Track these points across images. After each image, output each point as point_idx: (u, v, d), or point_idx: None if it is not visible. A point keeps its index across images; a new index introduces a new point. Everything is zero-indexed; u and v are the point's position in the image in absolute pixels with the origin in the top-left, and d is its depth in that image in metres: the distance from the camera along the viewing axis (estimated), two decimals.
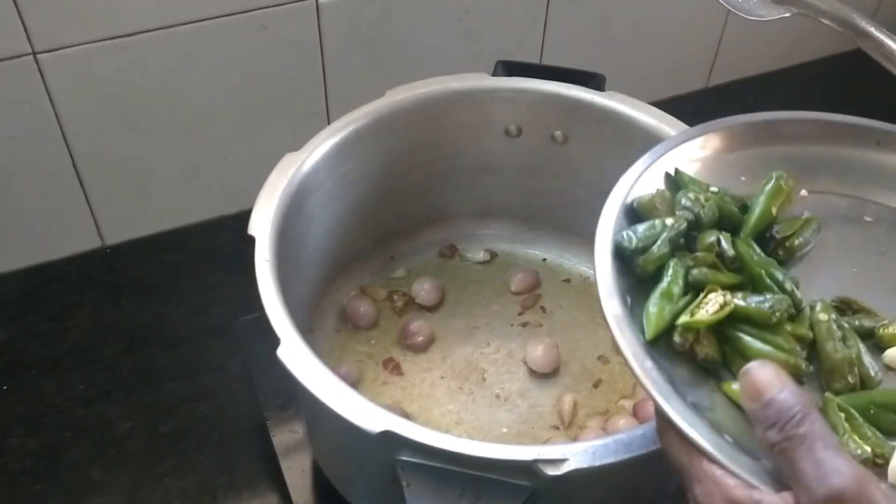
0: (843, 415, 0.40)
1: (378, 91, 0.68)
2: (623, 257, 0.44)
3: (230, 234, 0.87)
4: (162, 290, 0.83)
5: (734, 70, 1.06)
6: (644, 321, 0.42)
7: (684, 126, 0.65)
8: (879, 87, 1.09)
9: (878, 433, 0.40)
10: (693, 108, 1.03)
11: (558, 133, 0.70)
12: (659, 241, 0.44)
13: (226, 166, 0.86)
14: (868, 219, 0.51)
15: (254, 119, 0.84)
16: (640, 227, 0.45)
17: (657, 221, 0.45)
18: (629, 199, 0.47)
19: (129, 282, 0.84)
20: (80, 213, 0.82)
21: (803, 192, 0.51)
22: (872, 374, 0.43)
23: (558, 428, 0.66)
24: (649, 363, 0.40)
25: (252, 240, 0.56)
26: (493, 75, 0.69)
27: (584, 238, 0.50)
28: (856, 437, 0.39)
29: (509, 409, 0.68)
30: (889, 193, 0.52)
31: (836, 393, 0.42)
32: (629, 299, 0.43)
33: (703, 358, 0.42)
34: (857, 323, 0.45)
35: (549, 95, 0.68)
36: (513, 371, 0.70)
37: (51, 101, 0.74)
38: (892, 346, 0.45)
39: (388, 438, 0.47)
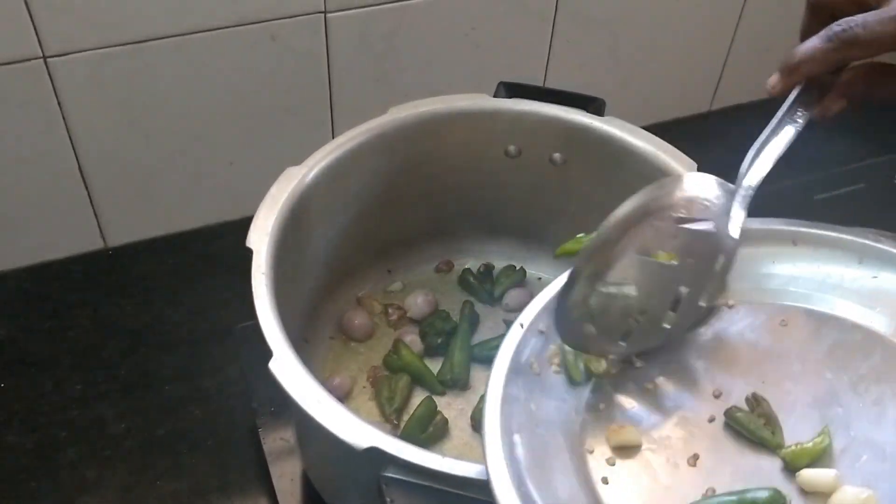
0: None
1: (383, 104, 0.69)
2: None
3: (233, 240, 0.86)
4: (162, 293, 0.84)
5: (738, 94, 1.07)
6: None
7: (679, 153, 0.66)
8: (884, 115, 1.10)
9: None
10: (697, 131, 1.03)
11: (557, 155, 0.71)
12: None
13: (230, 172, 0.87)
14: (783, 324, 0.50)
15: (260, 127, 0.85)
16: None
17: None
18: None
19: (131, 283, 0.85)
20: (84, 213, 0.84)
21: (730, 302, 0.51)
22: None
23: None
24: None
25: (250, 252, 0.57)
26: (494, 96, 0.70)
27: None
28: None
29: None
30: (808, 296, 0.51)
31: None
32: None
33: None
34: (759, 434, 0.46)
35: (549, 118, 0.69)
36: None
37: (59, 103, 0.75)
38: (800, 466, 0.44)
39: (374, 454, 0.48)
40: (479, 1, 0.84)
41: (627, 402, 0.49)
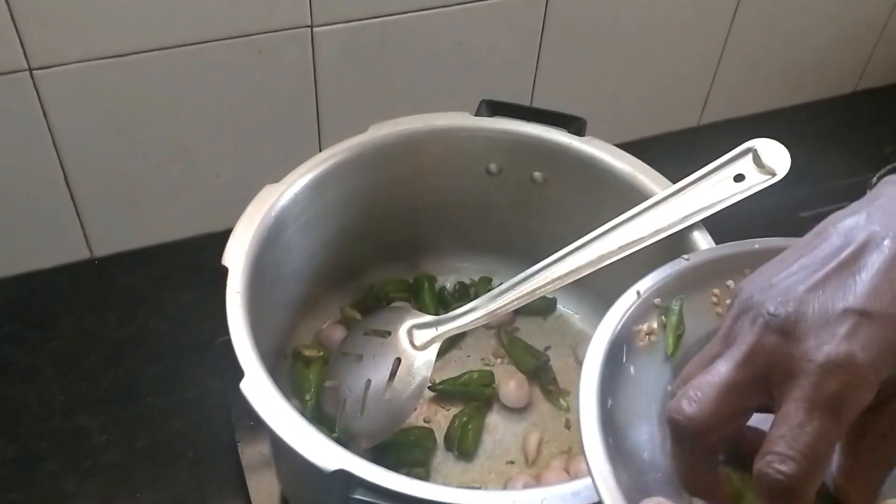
0: None
1: (371, 118, 0.69)
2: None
3: (218, 251, 0.87)
4: (147, 304, 0.84)
5: (727, 109, 1.07)
6: None
7: (657, 174, 0.66)
8: (872, 132, 1.10)
9: None
10: (685, 146, 1.04)
11: (538, 174, 0.71)
12: None
13: (217, 184, 0.87)
14: None
15: (246, 140, 0.85)
16: None
17: None
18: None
19: (116, 294, 0.85)
20: (70, 224, 0.84)
21: None
22: None
23: (514, 464, 0.67)
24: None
25: (225, 270, 0.58)
26: (476, 114, 0.70)
27: None
28: None
29: None
30: None
31: None
32: (610, 401, 0.43)
33: None
34: None
35: (530, 138, 0.69)
36: None
37: (45, 115, 0.75)
38: None
39: (343, 477, 0.48)
40: (466, 16, 0.85)
41: None
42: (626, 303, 0.48)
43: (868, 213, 0.38)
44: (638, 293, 0.48)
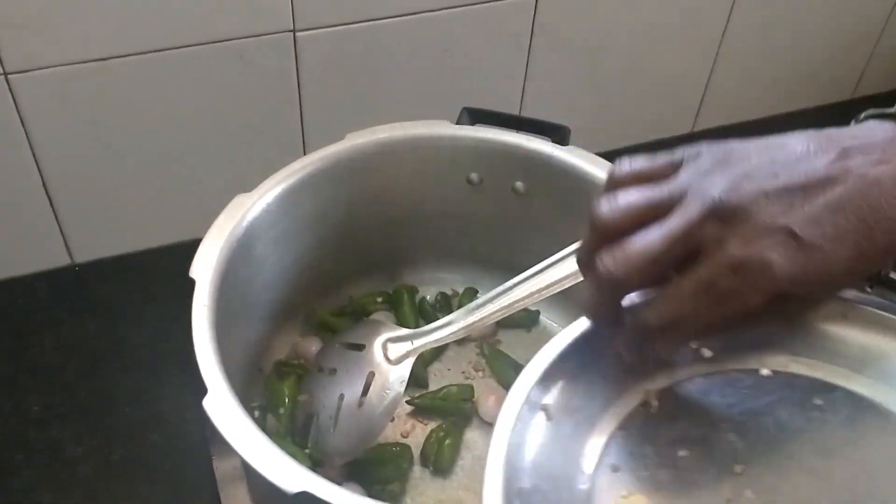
0: None
1: (356, 124, 0.68)
2: None
3: None
4: (127, 313, 0.83)
5: (721, 115, 1.06)
6: None
7: None
8: None
9: None
10: None
11: (519, 184, 0.70)
12: None
13: (199, 190, 0.86)
14: (818, 402, 0.46)
15: (228, 145, 0.84)
16: None
17: None
18: None
19: (96, 302, 0.84)
20: (49, 230, 0.83)
21: (764, 371, 0.48)
22: None
23: None
24: None
25: (192, 283, 0.56)
26: (457, 122, 0.69)
27: None
28: None
29: None
30: (849, 375, 0.47)
31: None
32: None
33: None
34: None
35: (510, 147, 0.68)
36: None
37: (21, 120, 0.74)
38: None
39: (307, 499, 0.47)
40: (452, 22, 0.83)
41: (642, 469, 0.45)
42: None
43: (844, 150, 0.40)
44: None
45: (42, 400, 0.75)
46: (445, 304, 0.76)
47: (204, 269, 0.57)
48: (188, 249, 0.87)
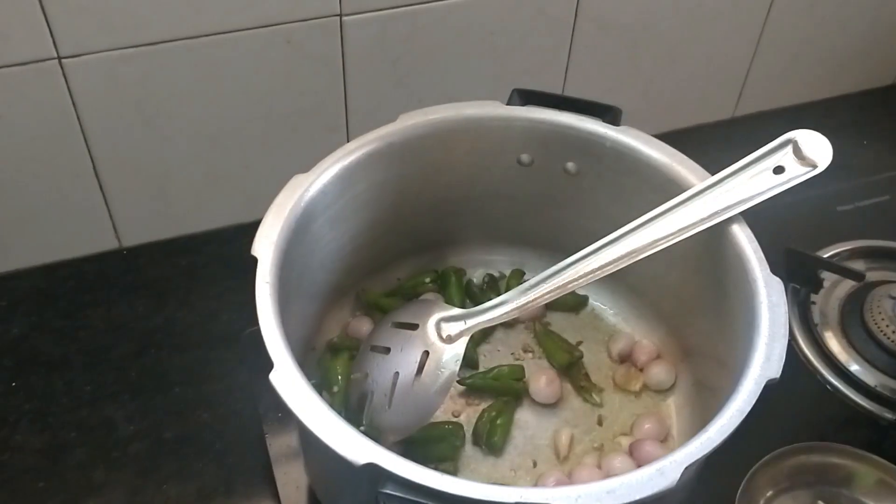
0: None
1: (400, 108, 0.68)
2: None
3: (247, 243, 0.86)
4: (176, 295, 0.84)
5: (763, 100, 1.05)
6: None
7: (695, 164, 0.64)
8: None
9: None
10: (720, 138, 1.02)
11: (570, 165, 0.70)
12: None
13: (246, 175, 0.87)
14: None
15: (275, 130, 0.84)
16: None
17: None
18: None
19: (144, 284, 0.85)
20: (99, 213, 0.84)
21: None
22: None
23: (545, 460, 0.66)
24: None
25: (255, 261, 0.57)
26: (508, 103, 0.69)
27: None
28: None
29: None
30: None
31: None
32: None
33: None
34: None
35: (562, 127, 0.67)
36: None
37: (74, 104, 0.75)
38: None
39: (373, 471, 0.47)
40: (497, 6, 0.83)
41: None
42: None
43: None
44: None
45: (94, 379, 0.77)
46: (492, 286, 0.76)
47: (265, 247, 0.57)
48: (234, 234, 0.89)
